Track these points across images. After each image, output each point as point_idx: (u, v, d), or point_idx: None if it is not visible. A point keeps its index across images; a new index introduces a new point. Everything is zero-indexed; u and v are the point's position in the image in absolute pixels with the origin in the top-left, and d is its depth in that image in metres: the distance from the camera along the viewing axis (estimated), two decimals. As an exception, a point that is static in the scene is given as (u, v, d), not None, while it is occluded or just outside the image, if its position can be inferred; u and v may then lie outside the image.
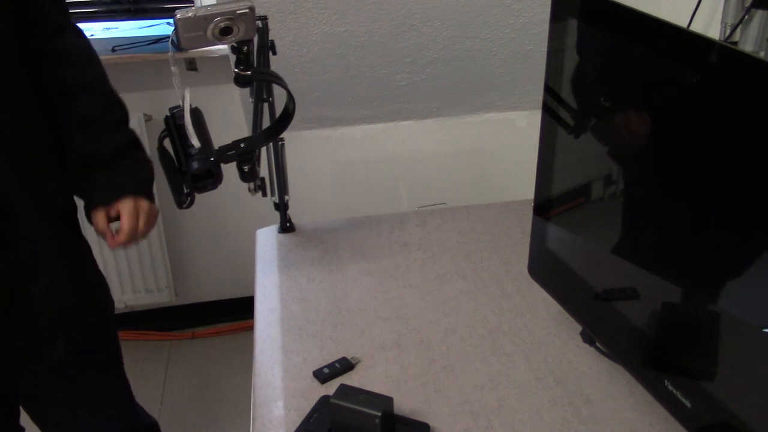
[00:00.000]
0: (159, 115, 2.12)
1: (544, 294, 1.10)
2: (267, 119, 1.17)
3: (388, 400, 0.87)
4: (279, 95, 1.10)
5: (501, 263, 1.26)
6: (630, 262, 0.92)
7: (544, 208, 1.06)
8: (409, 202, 2.32)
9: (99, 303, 1.21)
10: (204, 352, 2.38)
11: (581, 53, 0.91)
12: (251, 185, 1.13)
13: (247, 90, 1.14)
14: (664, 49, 0.77)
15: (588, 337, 1.06)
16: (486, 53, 1.97)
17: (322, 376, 1.00)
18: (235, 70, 0.93)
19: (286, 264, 1.28)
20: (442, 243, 1.33)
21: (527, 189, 1.13)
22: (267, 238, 1.37)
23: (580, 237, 1.02)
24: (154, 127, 2.09)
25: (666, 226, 0.84)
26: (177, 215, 2.27)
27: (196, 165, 0.97)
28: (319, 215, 1.58)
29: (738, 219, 0.71)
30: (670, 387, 0.82)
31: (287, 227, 1.38)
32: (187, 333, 2.43)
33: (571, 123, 0.96)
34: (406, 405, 0.95)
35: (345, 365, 1.02)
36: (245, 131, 1.26)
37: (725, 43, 0.69)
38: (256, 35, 0.92)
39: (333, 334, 1.10)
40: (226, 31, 0.86)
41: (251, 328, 1.15)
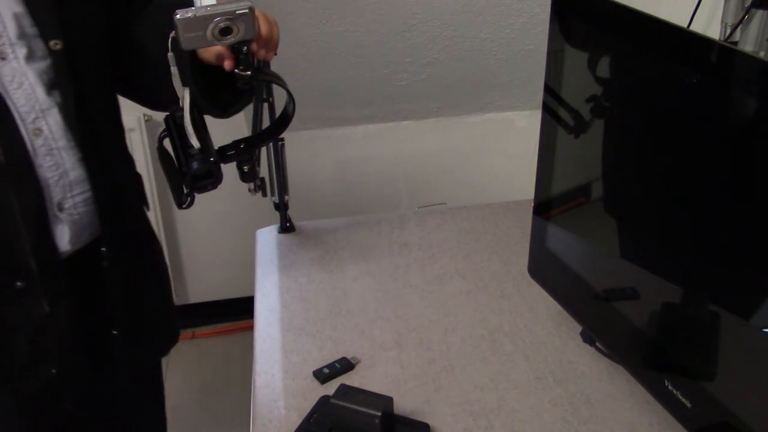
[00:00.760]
0: (159, 115, 2.11)
1: (544, 294, 1.10)
2: (267, 119, 1.17)
3: (388, 400, 0.87)
4: (279, 95, 1.10)
5: (501, 263, 1.26)
6: (630, 262, 0.92)
7: (544, 208, 1.06)
8: (409, 202, 2.32)
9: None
10: (204, 352, 2.38)
11: (583, 51, 0.91)
12: (251, 185, 1.13)
13: (247, 90, 1.14)
14: (664, 50, 0.77)
15: (588, 337, 1.06)
16: (486, 53, 1.97)
17: (322, 376, 1.00)
18: (236, 70, 0.93)
19: (286, 264, 1.28)
20: (442, 243, 1.33)
21: (527, 189, 1.13)
22: (267, 238, 1.37)
23: (579, 237, 1.02)
24: (154, 127, 2.09)
25: (666, 226, 0.84)
26: (177, 215, 2.27)
27: (195, 165, 0.97)
28: (319, 215, 1.59)
29: (738, 219, 0.71)
30: (670, 387, 0.82)
31: (287, 227, 1.38)
32: (187, 333, 2.43)
33: (571, 123, 0.96)
34: (406, 405, 0.95)
35: (345, 365, 1.02)
36: (245, 131, 1.26)
37: (725, 43, 0.69)
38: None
39: (333, 334, 1.10)
40: (226, 32, 0.86)
41: (251, 328, 1.15)
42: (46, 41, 0.88)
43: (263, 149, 1.18)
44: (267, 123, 1.14)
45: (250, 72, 0.93)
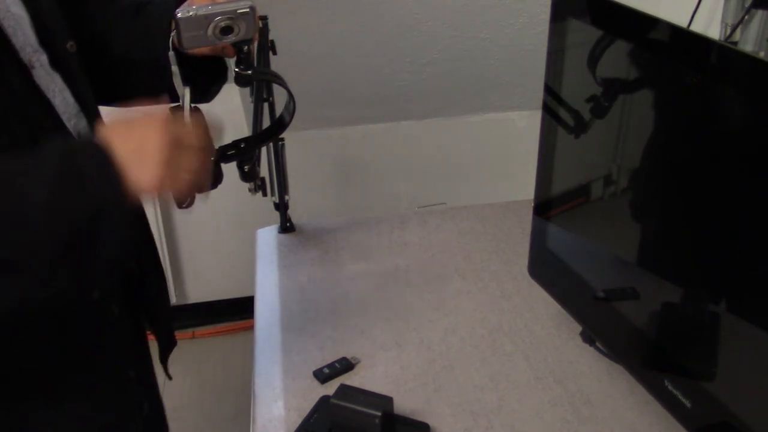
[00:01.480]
0: (159, 115, 2.11)
1: (544, 294, 1.10)
2: (267, 119, 1.17)
3: (388, 400, 0.87)
4: (279, 95, 1.10)
5: (501, 263, 1.26)
6: (630, 262, 0.92)
7: (544, 208, 1.06)
8: (409, 202, 2.32)
9: None
10: (204, 352, 2.38)
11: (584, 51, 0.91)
12: (251, 185, 1.13)
13: (247, 90, 1.14)
14: (664, 50, 0.77)
15: (588, 337, 1.06)
16: (486, 53, 1.97)
17: (322, 376, 1.00)
18: (236, 69, 0.93)
19: (286, 264, 1.28)
20: (442, 243, 1.33)
21: (527, 189, 1.13)
22: (267, 238, 1.37)
23: (580, 237, 1.02)
24: (154, 127, 2.08)
25: (666, 226, 0.84)
26: (177, 215, 2.27)
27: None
28: (319, 215, 1.59)
29: (738, 219, 0.71)
30: (670, 387, 0.82)
31: (287, 227, 1.38)
32: (187, 333, 2.43)
33: (571, 123, 0.96)
34: (406, 405, 0.95)
35: (345, 365, 1.02)
36: (245, 131, 1.26)
37: (725, 43, 0.70)
38: (257, 35, 0.92)
39: (333, 334, 1.10)
40: (226, 31, 0.86)
41: (251, 328, 1.15)
42: (63, 44, 0.87)
43: (263, 149, 1.18)
44: (267, 123, 1.14)
45: (250, 71, 0.93)
